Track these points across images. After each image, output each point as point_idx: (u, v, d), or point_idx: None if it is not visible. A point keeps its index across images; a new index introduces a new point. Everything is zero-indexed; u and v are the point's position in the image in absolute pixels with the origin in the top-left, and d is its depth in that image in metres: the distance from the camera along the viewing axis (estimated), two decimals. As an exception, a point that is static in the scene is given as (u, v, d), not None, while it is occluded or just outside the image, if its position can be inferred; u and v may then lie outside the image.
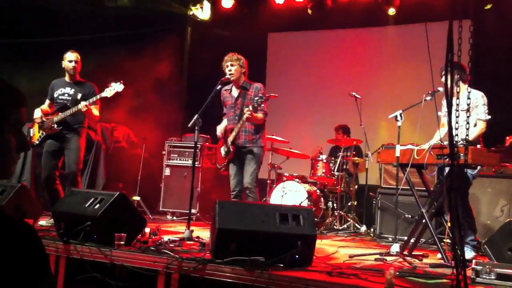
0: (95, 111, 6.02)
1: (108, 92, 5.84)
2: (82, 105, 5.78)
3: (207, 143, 8.38)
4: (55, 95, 6.14)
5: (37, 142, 6.10)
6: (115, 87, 5.83)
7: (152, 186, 8.62)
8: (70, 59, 6.09)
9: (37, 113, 6.08)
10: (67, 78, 6.18)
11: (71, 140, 6.02)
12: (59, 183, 6.09)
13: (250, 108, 5.35)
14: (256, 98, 5.37)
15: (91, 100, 5.84)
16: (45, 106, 6.23)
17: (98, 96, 5.88)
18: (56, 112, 6.03)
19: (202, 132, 6.76)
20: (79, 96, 6.00)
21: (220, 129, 5.85)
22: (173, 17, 10.12)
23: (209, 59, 9.80)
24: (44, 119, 6.04)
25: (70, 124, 6.02)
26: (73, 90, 6.09)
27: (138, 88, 8.79)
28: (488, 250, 4.46)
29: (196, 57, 10.65)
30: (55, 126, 5.95)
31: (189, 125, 5.53)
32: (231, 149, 5.68)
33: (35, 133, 6.10)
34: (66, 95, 6.08)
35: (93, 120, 6.15)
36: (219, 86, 5.65)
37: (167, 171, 8.39)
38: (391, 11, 8.79)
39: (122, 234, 4.27)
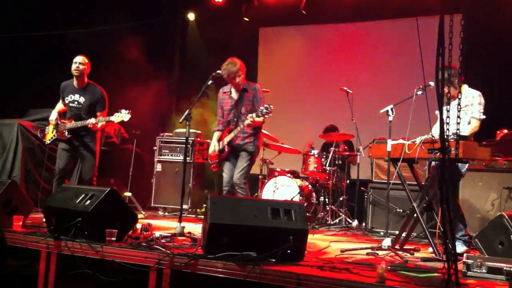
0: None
1: (115, 118, 5.89)
2: (89, 122, 5.89)
3: (199, 139, 8.35)
4: (66, 101, 6.19)
5: (48, 142, 6.24)
6: (123, 116, 5.88)
7: (144, 182, 8.58)
8: (74, 60, 6.09)
9: (53, 115, 6.24)
10: (75, 83, 6.17)
11: (86, 145, 6.10)
12: (67, 182, 6.18)
13: (254, 116, 5.37)
14: (261, 108, 5.38)
15: (100, 123, 5.92)
16: (61, 105, 6.29)
17: (106, 119, 5.92)
18: (70, 119, 6.10)
19: (193, 127, 6.74)
20: (89, 102, 6.05)
21: (211, 149, 5.88)
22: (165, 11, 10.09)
23: (201, 54, 9.79)
24: (59, 121, 6.15)
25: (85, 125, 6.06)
26: (82, 98, 6.12)
27: (129, 83, 8.75)
28: (479, 244, 4.48)
29: (188, 52, 10.63)
30: (66, 133, 6.05)
31: (180, 121, 5.52)
32: (226, 149, 5.69)
33: (49, 132, 6.21)
34: (76, 103, 6.12)
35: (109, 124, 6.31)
36: (210, 81, 5.63)
37: (158, 167, 8.37)
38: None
39: (113, 230, 4.26)
